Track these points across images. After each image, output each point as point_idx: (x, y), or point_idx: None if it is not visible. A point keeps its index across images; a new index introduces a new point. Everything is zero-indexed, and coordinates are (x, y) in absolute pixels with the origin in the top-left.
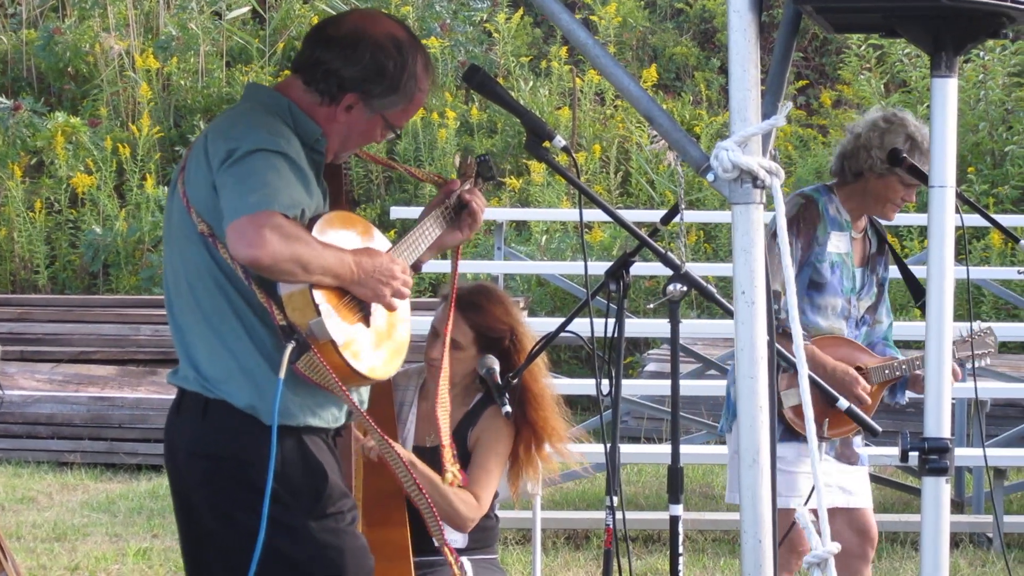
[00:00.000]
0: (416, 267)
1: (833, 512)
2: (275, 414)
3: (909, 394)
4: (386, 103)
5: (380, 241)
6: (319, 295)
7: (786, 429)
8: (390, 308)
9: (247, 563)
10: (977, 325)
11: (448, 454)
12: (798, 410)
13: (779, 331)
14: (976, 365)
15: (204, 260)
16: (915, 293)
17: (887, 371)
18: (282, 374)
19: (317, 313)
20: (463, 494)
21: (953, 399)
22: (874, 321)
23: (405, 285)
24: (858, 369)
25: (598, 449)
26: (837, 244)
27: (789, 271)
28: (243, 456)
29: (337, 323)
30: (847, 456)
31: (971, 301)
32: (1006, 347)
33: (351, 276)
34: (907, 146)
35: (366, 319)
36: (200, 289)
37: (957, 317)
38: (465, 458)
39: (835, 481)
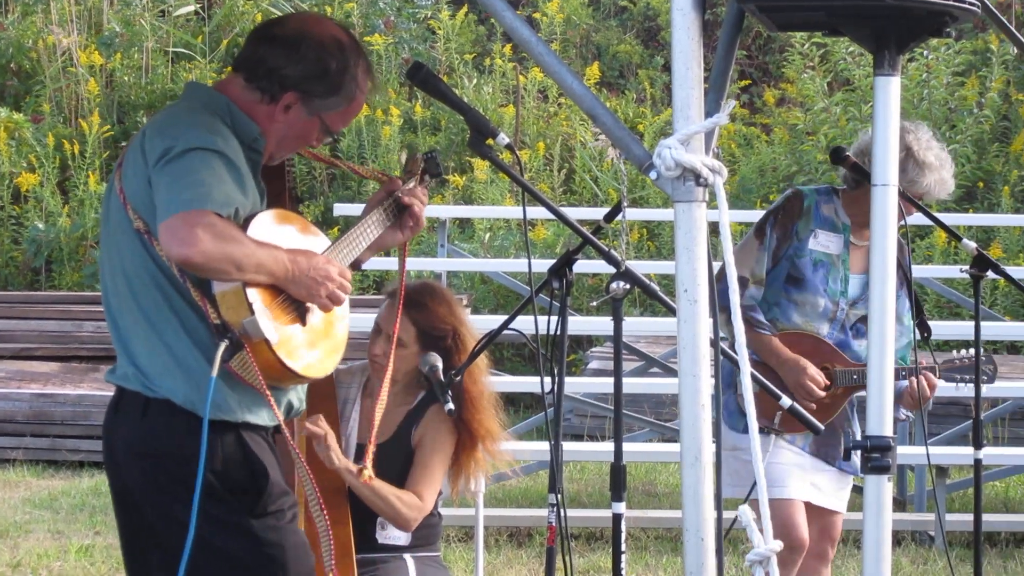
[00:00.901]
0: (356, 265)
1: (811, 510)
2: (207, 412)
3: (903, 411)
4: (325, 104)
5: (319, 240)
6: (253, 293)
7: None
8: (324, 309)
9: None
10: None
11: (371, 451)
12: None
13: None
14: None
15: (141, 257)
16: (916, 310)
17: (855, 376)
18: (215, 372)
19: (250, 312)
20: (405, 495)
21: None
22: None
23: (342, 288)
24: (824, 369)
25: (541, 447)
26: (825, 243)
27: (731, 268)
28: (183, 453)
29: (271, 322)
30: (825, 454)
31: (915, 299)
32: (948, 345)
33: (286, 274)
34: (902, 155)
35: (302, 318)
36: (137, 285)
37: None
38: (409, 456)
39: (808, 477)
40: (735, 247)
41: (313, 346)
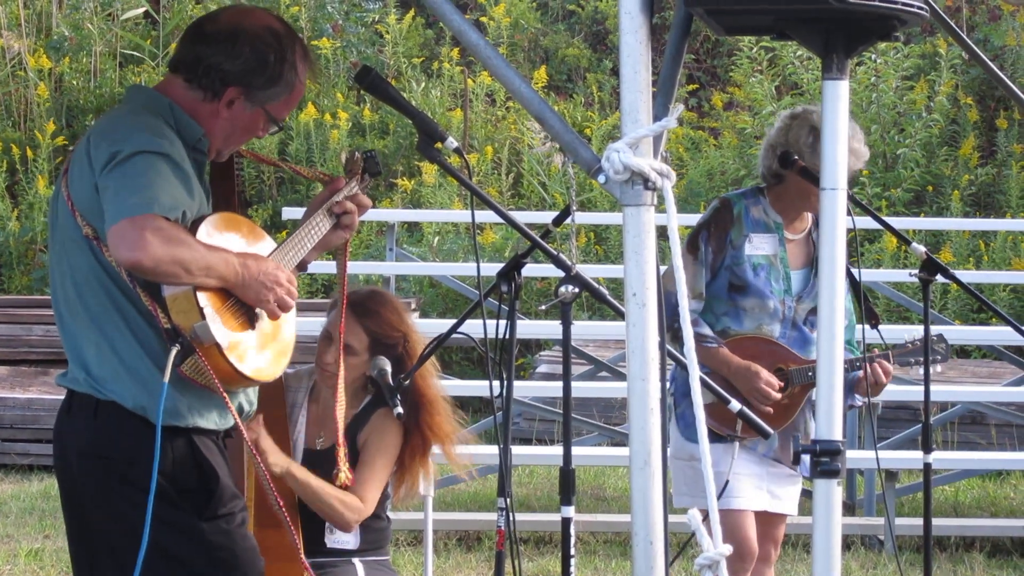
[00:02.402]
0: (302, 266)
1: (755, 515)
2: (159, 417)
3: (859, 398)
4: (268, 95)
5: (265, 243)
6: (203, 297)
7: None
8: (272, 316)
9: (135, 562)
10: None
11: (342, 453)
12: (709, 409)
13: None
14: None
15: (89, 263)
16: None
17: (810, 373)
18: (166, 378)
19: (201, 316)
20: (347, 498)
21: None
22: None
23: (289, 294)
24: (779, 371)
25: (490, 451)
26: (760, 246)
27: (679, 272)
28: (132, 456)
29: (221, 326)
30: (788, 458)
31: (864, 303)
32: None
33: (236, 278)
34: (810, 139)
35: (251, 321)
36: (86, 291)
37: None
38: (354, 459)
39: (765, 485)
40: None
41: (262, 349)
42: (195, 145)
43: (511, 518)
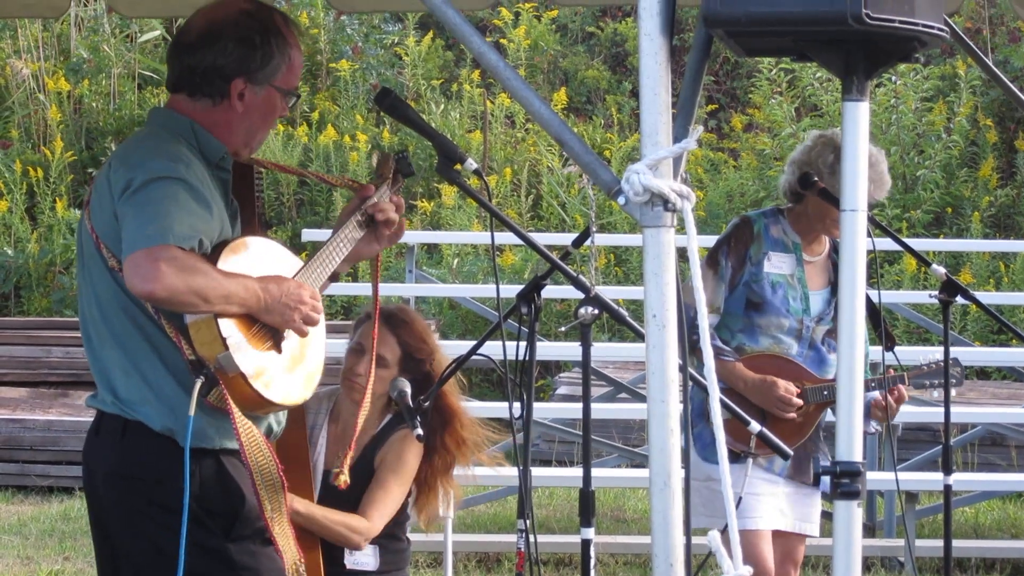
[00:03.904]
0: (334, 277)
1: (774, 534)
2: (187, 450)
3: (874, 424)
4: (269, 72)
5: (292, 262)
6: (226, 325)
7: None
8: (301, 334)
9: None
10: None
11: (349, 454)
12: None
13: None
14: (938, 394)
15: (115, 291)
16: (874, 324)
17: (826, 392)
18: (192, 411)
19: (224, 346)
20: (352, 521)
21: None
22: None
23: (315, 310)
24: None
25: (510, 472)
26: (779, 265)
27: (700, 293)
28: (159, 476)
29: (246, 354)
30: (801, 476)
31: (884, 325)
32: None
33: (258, 303)
34: (831, 158)
35: (277, 345)
36: (112, 317)
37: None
38: (369, 477)
39: (781, 504)
40: (686, 282)
41: (290, 372)
42: (219, 163)
43: (531, 540)
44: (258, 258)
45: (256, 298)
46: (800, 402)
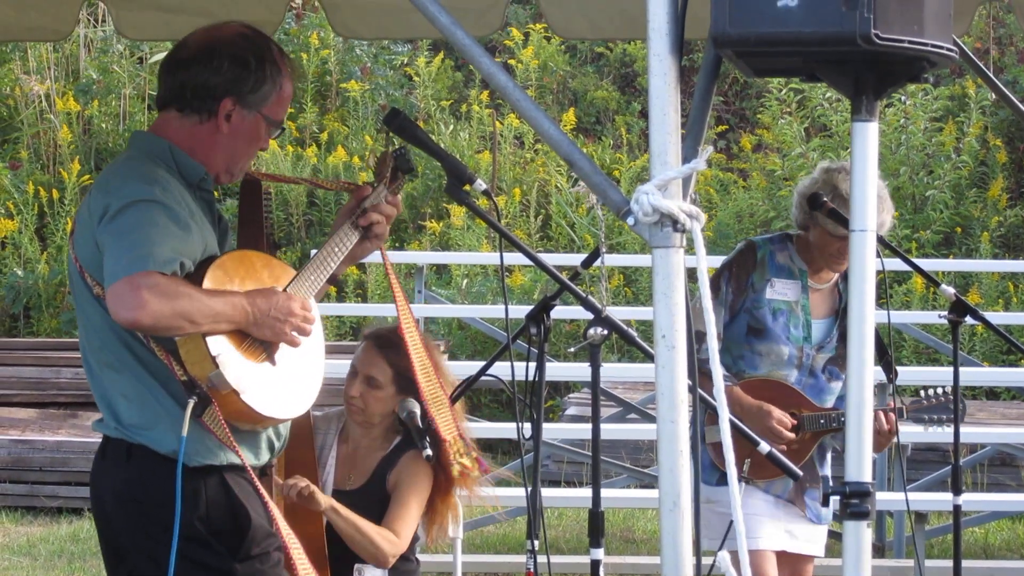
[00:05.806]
0: (333, 280)
1: (777, 555)
2: (179, 471)
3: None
4: (259, 97)
5: (285, 273)
6: (216, 343)
7: (723, 473)
8: (293, 345)
9: None
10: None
11: (459, 446)
12: (717, 447)
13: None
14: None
15: (103, 319)
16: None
17: (822, 420)
18: (184, 431)
19: (215, 364)
20: (385, 532)
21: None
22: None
23: (306, 321)
24: (792, 415)
25: (519, 493)
26: (782, 291)
27: (709, 314)
28: (165, 499)
29: (237, 370)
30: (798, 505)
31: (892, 345)
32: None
33: (246, 319)
34: (830, 195)
35: (271, 358)
36: (107, 345)
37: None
38: (384, 501)
39: (784, 525)
40: (692, 303)
41: (285, 385)
42: (199, 184)
43: (541, 560)
44: (247, 273)
45: (244, 313)
46: (791, 436)
